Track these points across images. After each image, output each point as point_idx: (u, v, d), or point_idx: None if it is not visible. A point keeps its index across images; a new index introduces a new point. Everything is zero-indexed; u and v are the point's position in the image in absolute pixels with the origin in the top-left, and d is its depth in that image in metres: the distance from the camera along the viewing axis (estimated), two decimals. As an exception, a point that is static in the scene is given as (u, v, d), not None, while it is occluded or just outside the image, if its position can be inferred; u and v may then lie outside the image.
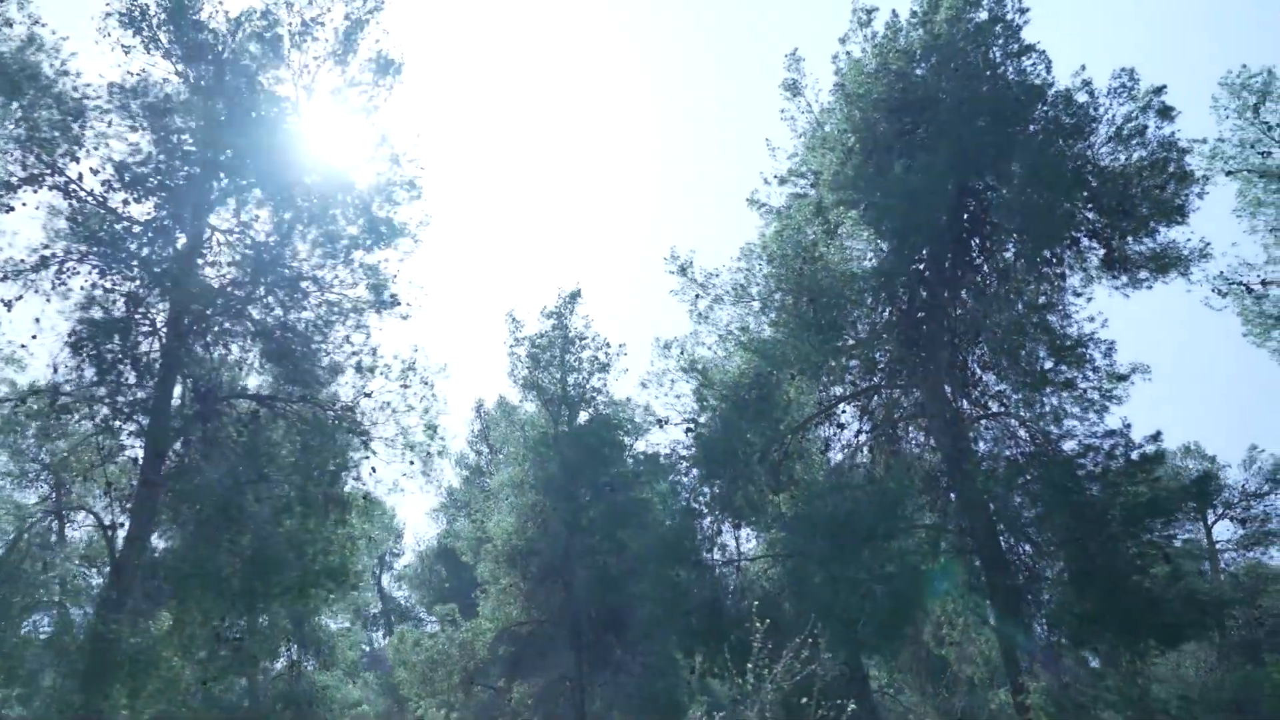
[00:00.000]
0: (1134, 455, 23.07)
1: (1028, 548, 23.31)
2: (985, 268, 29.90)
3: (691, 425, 27.12)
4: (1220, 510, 46.66)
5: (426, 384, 21.66)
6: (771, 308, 24.92)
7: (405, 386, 21.67)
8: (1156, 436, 22.35)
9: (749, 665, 13.46)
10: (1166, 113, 26.36)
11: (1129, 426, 23.43)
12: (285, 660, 44.37)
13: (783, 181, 29.46)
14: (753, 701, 13.82)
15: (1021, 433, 25.03)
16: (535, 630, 35.55)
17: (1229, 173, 31.41)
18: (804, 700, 14.57)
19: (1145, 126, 26.79)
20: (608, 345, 41.36)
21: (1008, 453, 25.12)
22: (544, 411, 39.85)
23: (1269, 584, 45.39)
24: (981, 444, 25.60)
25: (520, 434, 39.82)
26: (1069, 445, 23.80)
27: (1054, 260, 28.91)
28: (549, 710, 34.90)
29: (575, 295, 42.30)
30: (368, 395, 21.64)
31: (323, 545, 19.29)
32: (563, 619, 34.40)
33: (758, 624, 13.81)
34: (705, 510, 27.28)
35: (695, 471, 28.37)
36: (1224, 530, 46.93)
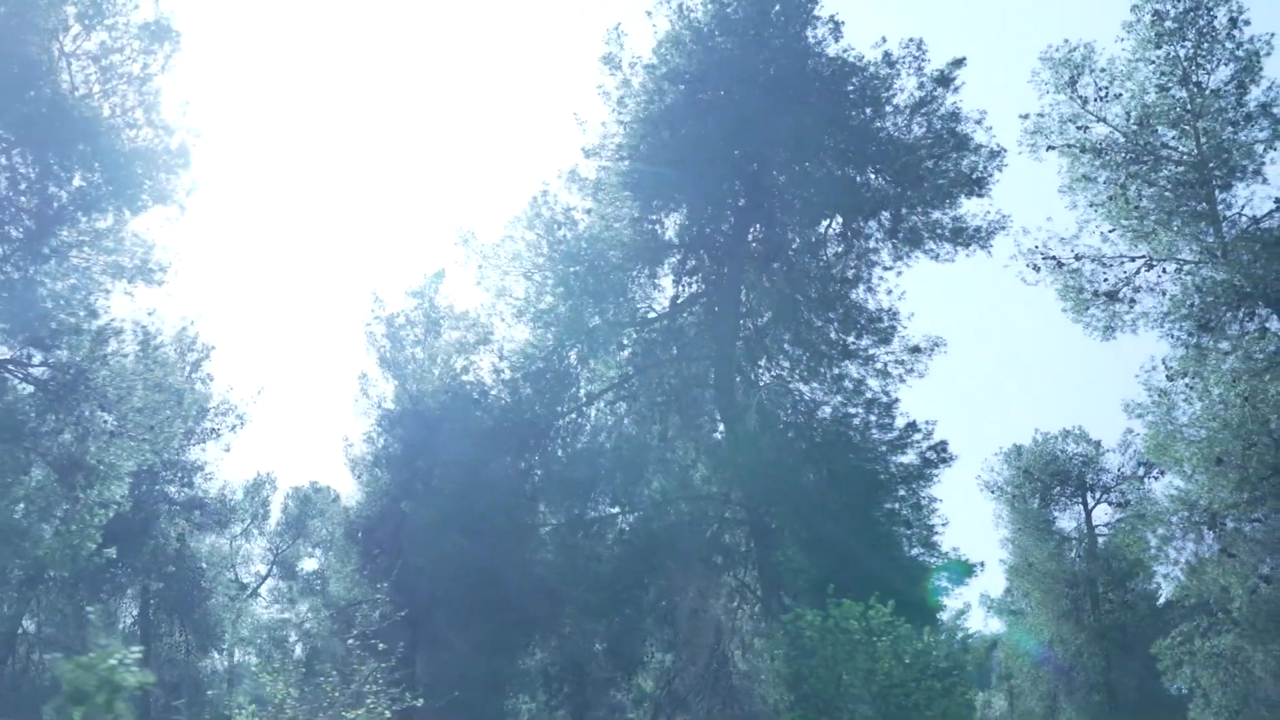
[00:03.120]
0: (888, 425, 23.04)
1: (784, 513, 23.23)
2: (798, 241, 29.81)
3: (479, 399, 27.02)
4: (1099, 495, 46.54)
5: (159, 350, 21.50)
6: (537, 275, 24.82)
7: (144, 353, 21.54)
8: (891, 406, 22.30)
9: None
10: (947, 83, 26.25)
11: (887, 394, 23.38)
12: (182, 644, 44.41)
13: (591, 154, 29.34)
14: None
15: (788, 403, 24.95)
16: (373, 609, 35.38)
17: (1050, 148, 31.16)
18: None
19: (934, 98, 26.70)
20: (475, 324, 41.30)
21: (779, 423, 25.04)
22: (403, 390, 39.72)
23: (1139, 569, 45.32)
24: (757, 414, 25.50)
25: (376, 412, 39.71)
26: (825, 413, 23.72)
27: (857, 233, 28.83)
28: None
29: (439, 275, 42.22)
30: (104, 361, 21.52)
31: (8, 504, 19.18)
32: (397, 597, 34.24)
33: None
34: (497, 481, 27.18)
35: (498, 443, 28.33)
36: (1103, 514, 46.80)
